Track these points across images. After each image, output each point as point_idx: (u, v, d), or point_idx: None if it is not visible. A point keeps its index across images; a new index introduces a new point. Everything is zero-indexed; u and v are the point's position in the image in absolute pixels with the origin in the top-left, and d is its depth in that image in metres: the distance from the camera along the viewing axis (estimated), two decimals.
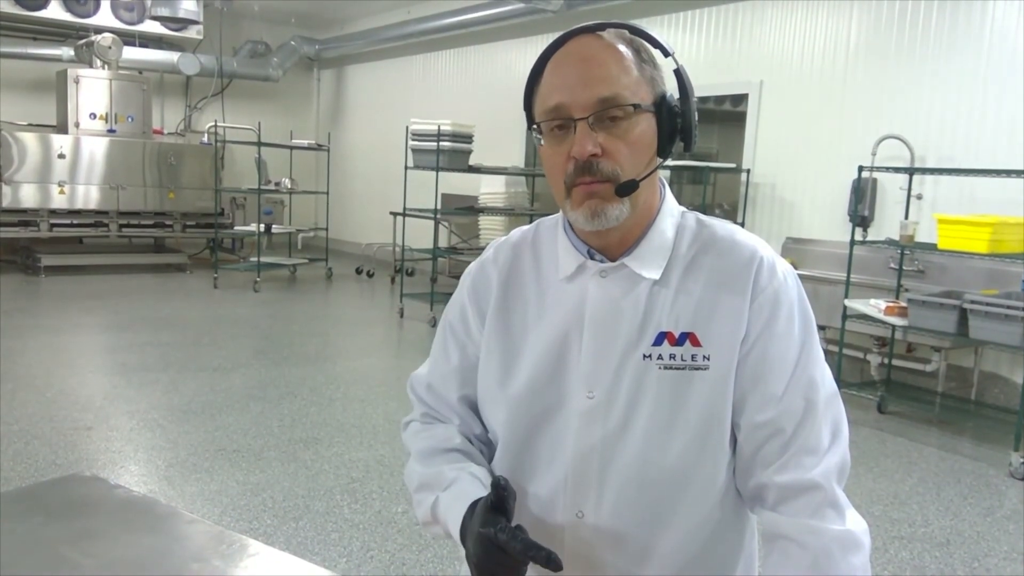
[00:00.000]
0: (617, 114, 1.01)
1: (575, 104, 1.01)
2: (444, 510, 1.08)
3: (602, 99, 1.00)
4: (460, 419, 1.21)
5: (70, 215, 8.82)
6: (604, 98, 1.01)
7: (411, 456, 1.21)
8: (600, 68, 1.02)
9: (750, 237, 1.10)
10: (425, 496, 1.12)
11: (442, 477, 1.11)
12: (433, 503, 1.10)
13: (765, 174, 6.30)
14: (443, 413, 1.23)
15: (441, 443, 1.17)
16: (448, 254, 7.72)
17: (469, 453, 1.17)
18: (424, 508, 1.12)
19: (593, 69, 1.02)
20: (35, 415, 4.05)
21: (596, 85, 1.01)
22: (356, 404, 4.57)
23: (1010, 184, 4.67)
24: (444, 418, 1.23)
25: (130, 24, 9.42)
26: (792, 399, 1.03)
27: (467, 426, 1.21)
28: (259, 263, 8.49)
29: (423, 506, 1.13)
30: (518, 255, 1.18)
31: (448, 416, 1.22)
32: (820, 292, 5.09)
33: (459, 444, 1.17)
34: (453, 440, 1.17)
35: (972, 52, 5.04)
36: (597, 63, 1.02)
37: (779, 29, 6.19)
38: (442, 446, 1.17)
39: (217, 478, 3.41)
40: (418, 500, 1.15)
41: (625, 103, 1.01)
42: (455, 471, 1.11)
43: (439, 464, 1.14)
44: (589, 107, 1.01)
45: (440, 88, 9.92)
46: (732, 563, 1.12)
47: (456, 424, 1.20)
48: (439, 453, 1.16)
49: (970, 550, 3.06)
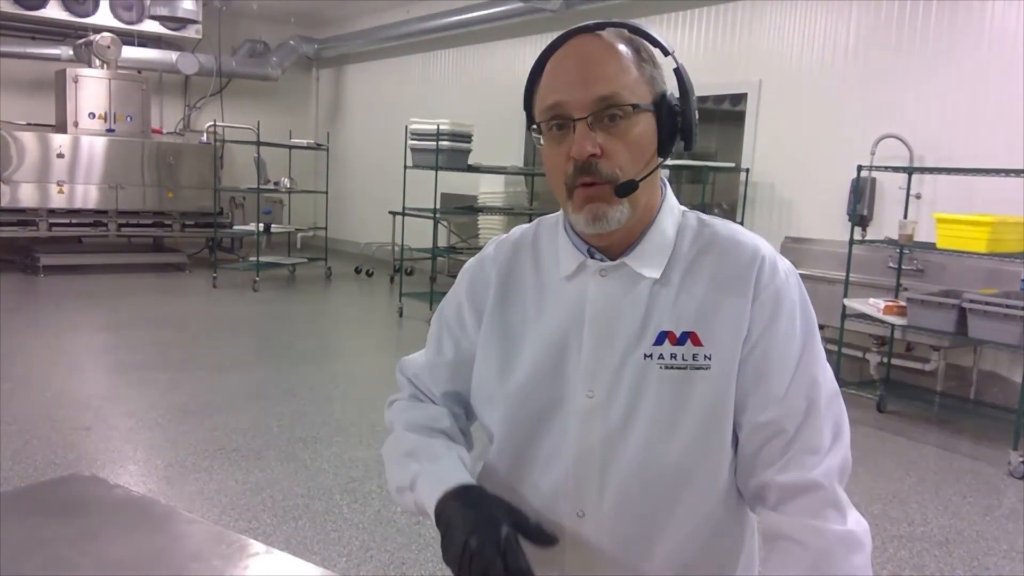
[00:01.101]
0: (616, 113, 1.01)
1: (574, 103, 1.01)
2: (425, 483, 1.07)
3: (601, 98, 1.00)
4: (446, 408, 1.21)
5: (69, 214, 8.81)
6: (603, 97, 1.00)
7: (397, 427, 1.20)
8: (599, 67, 1.02)
9: (752, 236, 1.10)
10: (409, 463, 1.11)
11: (432, 450, 1.11)
12: (416, 472, 1.09)
13: (764, 173, 6.30)
14: (428, 399, 1.23)
15: (432, 421, 1.18)
16: (447, 253, 7.72)
17: (455, 438, 1.17)
18: (405, 474, 1.10)
19: (592, 68, 1.02)
20: (34, 415, 4.04)
21: (595, 84, 1.01)
22: (355, 403, 4.57)
23: (1009, 183, 4.67)
24: (431, 402, 1.23)
25: (129, 23, 9.41)
26: (794, 399, 1.03)
27: (452, 414, 1.21)
28: (258, 262, 8.48)
29: (404, 472, 1.11)
30: (518, 253, 1.18)
31: (435, 402, 1.22)
32: (819, 291, 5.09)
33: (448, 427, 1.17)
34: (443, 421, 1.18)
35: (971, 51, 5.04)
36: (596, 62, 1.02)
37: (778, 28, 6.19)
38: (432, 424, 1.17)
39: (216, 478, 3.40)
40: (400, 465, 1.13)
41: (624, 102, 1.01)
42: (444, 449, 1.12)
43: (429, 438, 1.14)
44: (588, 106, 1.00)
45: (439, 87, 9.92)
46: (733, 563, 1.12)
47: (445, 410, 1.21)
48: (429, 430, 1.16)
49: (969, 549, 3.06)
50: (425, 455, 1.11)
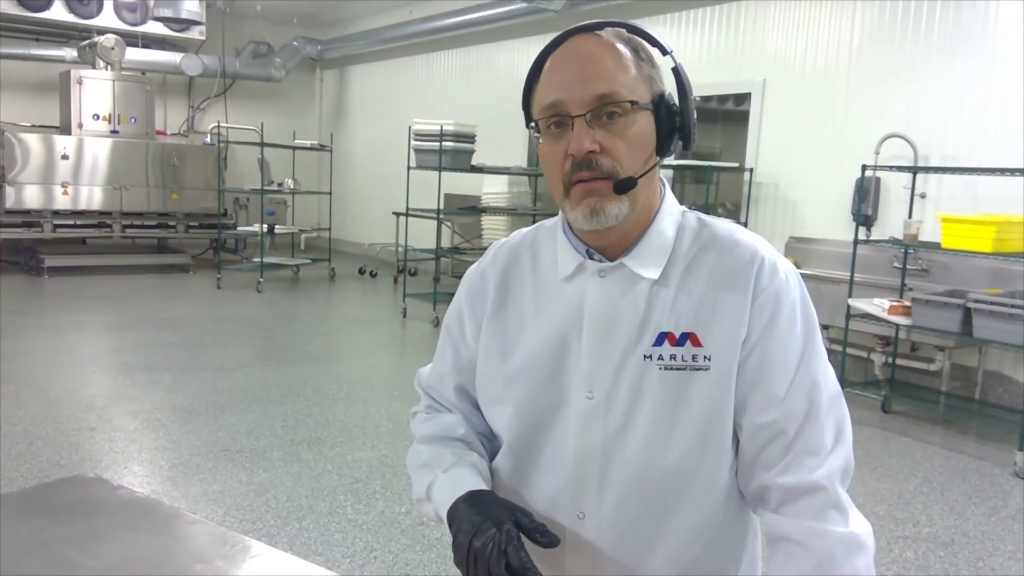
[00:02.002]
0: (615, 111, 1.01)
1: (572, 101, 1.01)
2: (439, 491, 1.10)
3: (599, 96, 1.00)
4: (460, 413, 1.22)
5: (73, 216, 8.83)
6: (601, 95, 1.00)
7: (416, 441, 1.24)
8: (598, 66, 1.02)
9: (751, 237, 1.09)
10: (425, 474, 1.15)
11: (443, 459, 1.14)
12: (431, 482, 1.12)
13: (768, 173, 6.29)
14: (445, 407, 1.25)
15: (446, 431, 1.20)
16: (451, 254, 7.72)
17: (471, 443, 1.19)
18: (421, 485, 1.15)
19: (591, 67, 1.02)
20: (38, 416, 4.05)
21: (593, 82, 1.01)
22: (359, 404, 4.57)
23: (1014, 183, 4.66)
24: (447, 410, 1.24)
25: (133, 25, 9.44)
26: (794, 400, 1.03)
27: (468, 419, 1.22)
28: (262, 263, 8.49)
29: (421, 483, 1.15)
30: (516, 256, 1.18)
31: (450, 410, 1.24)
32: (824, 291, 5.08)
33: (463, 434, 1.19)
34: (457, 430, 1.19)
35: (976, 50, 5.03)
36: (595, 61, 1.02)
37: (782, 27, 6.18)
38: (447, 434, 1.20)
39: (220, 478, 3.41)
40: (418, 477, 1.17)
41: (622, 100, 1.01)
42: (455, 457, 1.14)
43: (442, 448, 1.17)
44: (586, 104, 1.00)
45: (443, 88, 9.92)
46: (735, 564, 1.12)
47: (460, 417, 1.22)
48: (443, 440, 1.19)
49: (975, 550, 3.05)
50: (438, 464, 1.13)
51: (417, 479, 1.17)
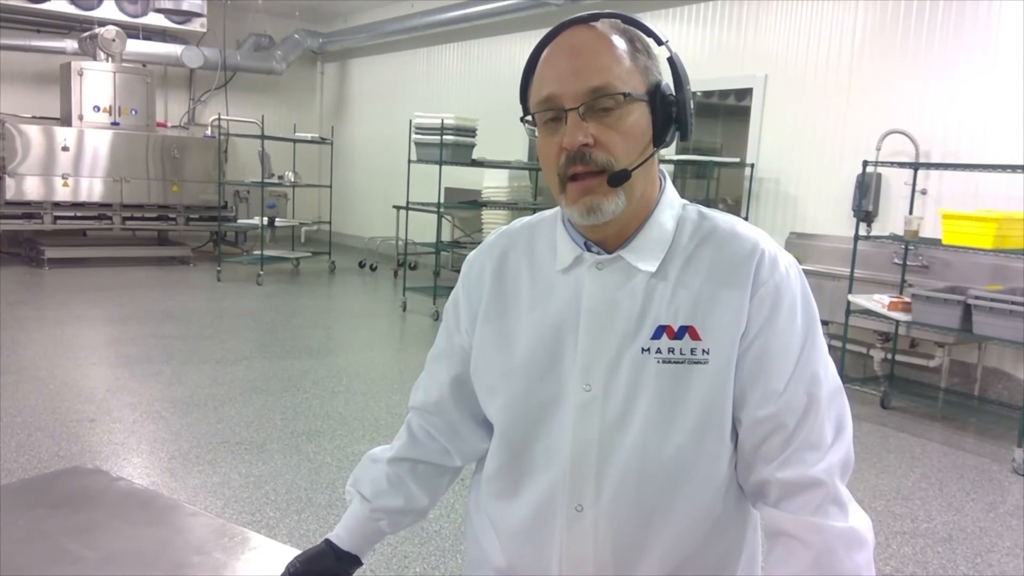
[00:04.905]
0: (608, 104, 1.00)
1: (566, 95, 1.01)
2: (346, 513, 1.26)
3: (592, 89, 1.00)
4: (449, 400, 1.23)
5: (74, 208, 8.83)
6: (595, 88, 1.00)
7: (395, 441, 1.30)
8: (592, 58, 1.01)
9: (752, 230, 1.09)
10: (357, 482, 1.27)
11: (370, 485, 1.25)
12: (351, 497, 1.27)
13: (769, 169, 6.28)
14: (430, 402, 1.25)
15: (384, 451, 1.28)
16: (451, 248, 7.72)
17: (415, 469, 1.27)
18: (352, 487, 1.27)
19: (584, 59, 1.01)
20: (38, 407, 4.06)
21: (587, 75, 1.00)
22: (359, 397, 4.57)
23: (1015, 179, 4.65)
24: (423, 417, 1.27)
25: (134, 17, 9.42)
26: (794, 394, 1.02)
27: (448, 416, 1.23)
28: (262, 256, 8.49)
29: (352, 486, 1.27)
30: (514, 244, 1.18)
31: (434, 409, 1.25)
32: (824, 287, 5.08)
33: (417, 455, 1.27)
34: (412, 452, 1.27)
35: (978, 47, 5.02)
36: (589, 53, 1.02)
37: (784, 23, 6.17)
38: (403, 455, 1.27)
39: (219, 471, 3.41)
40: (356, 479, 1.28)
41: (616, 92, 1.00)
42: (373, 490, 1.24)
43: (373, 474, 1.26)
44: (580, 97, 1.00)
45: (443, 82, 9.91)
46: (734, 558, 1.11)
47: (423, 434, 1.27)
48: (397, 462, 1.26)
49: (973, 546, 3.06)
50: (365, 486, 1.25)
51: (354, 479, 1.27)
